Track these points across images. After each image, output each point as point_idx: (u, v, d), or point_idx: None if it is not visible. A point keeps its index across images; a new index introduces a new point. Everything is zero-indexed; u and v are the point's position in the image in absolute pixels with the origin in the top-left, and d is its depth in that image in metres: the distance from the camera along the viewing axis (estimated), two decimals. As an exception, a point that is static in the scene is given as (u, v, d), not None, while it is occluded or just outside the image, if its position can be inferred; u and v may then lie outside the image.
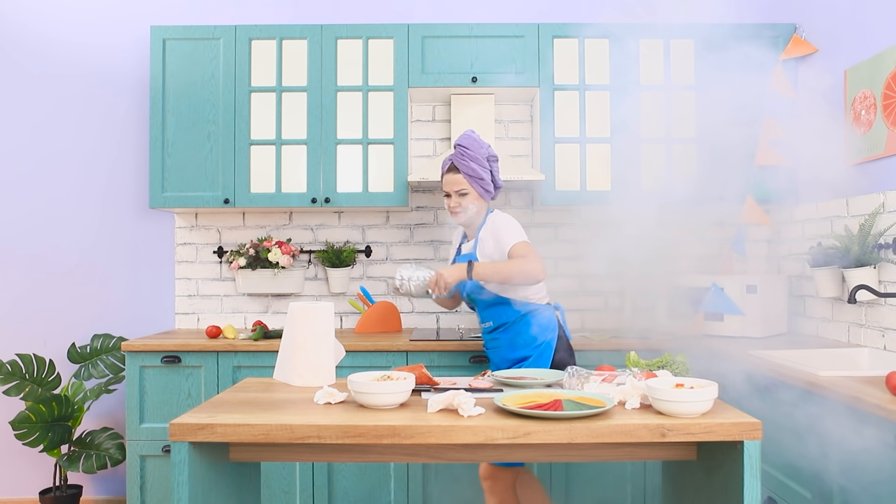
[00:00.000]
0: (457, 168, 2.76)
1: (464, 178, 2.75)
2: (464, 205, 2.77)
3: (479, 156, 2.74)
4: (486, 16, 3.90)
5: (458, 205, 2.78)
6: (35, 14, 3.87)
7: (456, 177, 2.76)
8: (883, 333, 2.84)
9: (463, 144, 2.76)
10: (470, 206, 2.78)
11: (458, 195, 2.77)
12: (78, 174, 3.87)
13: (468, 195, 2.77)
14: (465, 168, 2.74)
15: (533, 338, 2.77)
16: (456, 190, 2.77)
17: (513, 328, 2.79)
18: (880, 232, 2.82)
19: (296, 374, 2.21)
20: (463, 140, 2.77)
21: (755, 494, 1.70)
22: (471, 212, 2.79)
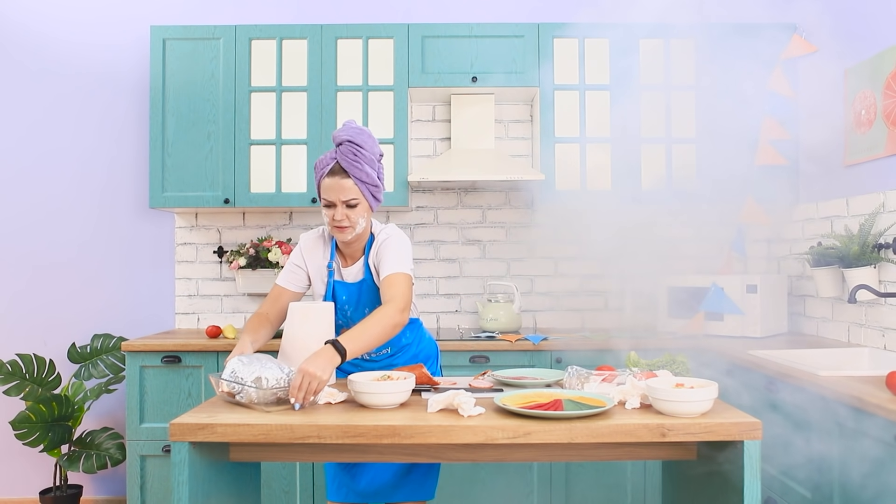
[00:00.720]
0: (345, 171, 2.17)
1: (354, 184, 2.17)
2: (353, 218, 2.19)
3: (373, 155, 2.21)
4: (485, 16, 3.90)
5: (344, 218, 2.19)
6: (35, 14, 3.87)
7: (344, 182, 2.16)
8: (883, 333, 2.84)
9: (355, 141, 2.16)
10: (360, 221, 2.21)
11: (345, 206, 2.18)
12: (78, 174, 3.87)
13: (359, 206, 2.19)
14: (356, 172, 2.16)
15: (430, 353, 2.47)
16: (345, 200, 2.17)
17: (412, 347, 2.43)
18: (880, 232, 2.82)
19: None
20: (354, 135, 2.17)
21: (755, 494, 1.70)
22: (359, 227, 2.22)
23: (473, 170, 3.44)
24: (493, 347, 3.22)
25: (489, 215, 3.89)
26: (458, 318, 3.88)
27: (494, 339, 3.32)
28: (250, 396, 1.87)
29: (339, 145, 2.19)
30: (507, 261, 3.88)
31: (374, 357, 2.39)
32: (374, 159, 2.21)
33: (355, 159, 2.16)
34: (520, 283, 3.87)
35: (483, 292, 3.88)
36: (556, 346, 3.23)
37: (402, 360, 2.41)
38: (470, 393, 2.00)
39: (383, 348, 2.37)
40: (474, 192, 3.89)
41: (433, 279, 3.88)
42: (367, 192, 2.20)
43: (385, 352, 2.38)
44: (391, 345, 2.37)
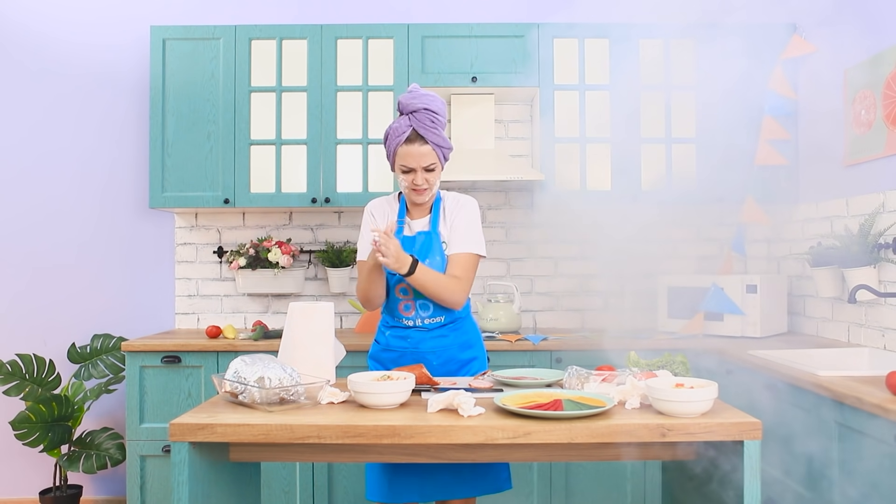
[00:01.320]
0: (422, 138, 2.26)
1: (432, 150, 2.28)
2: (431, 181, 2.31)
3: (445, 120, 2.31)
4: (485, 16, 3.90)
5: (424, 182, 2.30)
6: (35, 13, 3.87)
7: (423, 149, 2.26)
8: (883, 333, 2.84)
9: (432, 109, 2.25)
10: (436, 183, 2.34)
11: (425, 171, 2.29)
12: (78, 174, 3.87)
13: (436, 169, 2.31)
14: (434, 138, 2.26)
15: (479, 336, 2.53)
16: (424, 165, 2.28)
17: (464, 324, 2.47)
18: (880, 232, 2.82)
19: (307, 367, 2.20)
20: (429, 102, 2.25)
21: (755, 494, 1.70)
22: (435, 188, 2.36)
23: (473, 170, 3.44)
24: (493, 347, 3.22)
25: (489, 215, 3.89)
26: (458, 318, 3.88)
27: (494, 339, 3.32)
28: (253, 396, 1.87)
29: (412, 112, 2.26)
30: (507, 261, 3.88)
31: (427, 325, 2.41)
32: (445, 123, 2.31)
33: (433, 126, 2.26)
34: (520, 283, 3.87)
35: (483, 292, 3.88)
36: (556, 346, 3.23)
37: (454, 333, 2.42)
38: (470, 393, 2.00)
39: (438, 315, 2.40)
40: (474, 192, 3.89)
41: (433, 279, 3.88)
42: (442, 155, 2.32)
43: (439, 319, 2.41)
44: (445, 314, 2.41)
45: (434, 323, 2.41)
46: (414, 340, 2.42)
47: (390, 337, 2.46)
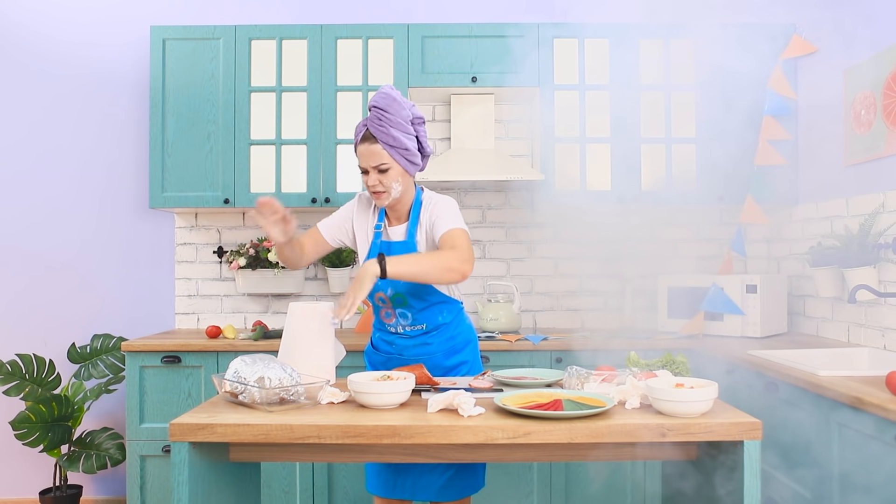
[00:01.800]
0: (374, 137, 2.21)
1: (383, 149, 2.21)
2: (386, 183, 2.24)
3: (402, 119, 2.20)
4: (485, 16, 3.90)
5: (378, 183, 2.24)
6: (35, 13, 3.87)
7: (373, 147, 2.21)
8: (883, 333, 2.84)
9: (380, 106, 2.19)
10: (394, 186, 2.25)
11: (377, 171, 2.23)
12: (78, 174, 3.87)
13: (390, 171, 2.23)
14: (384, 137, 2.20)
15: (469, 339, 2.44)
16: (374, 165, 2.22)
17: (449, 330, 2.39)
18: (880, 232, 2.82)
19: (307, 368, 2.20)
20: (380, 100, 2.19)
21: (755, 494, 1.70)
22: (395, 192, 2.26)
23: (473, 170, 3.44)
24: (493, 347, 3.22)
25: (489, 215, 3.89)
26: (458, 318, 3.88)
27: (494, 339, 3.32)
28: (253, 396, 1.87)
29: (369, 111, 2.24)
30: (507, 261, 3.88)
31: (409, 332, 2.36)
32: (402, 122, 2.20)
33: (380, 124, 2.19)
34: (520, 283, 3.87)
35: (483, 292, 3.88)
36: (556, 346, 3.23)
37: (438, 340, 2.36)
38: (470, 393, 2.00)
39: (418, 324, 2.34)
40: (474, 192, 3.89)
41: (433, 279, 3.88)
42: (399, 156, 2.22)
43: (420, 327, 2.35)
44: (426, 321, 2.34)
45: (416, 330, 2.36)
46: (398, 347, 2.39)
47: (378, 340, 2.45)
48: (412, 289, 2.29)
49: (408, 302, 2.32)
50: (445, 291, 2.36)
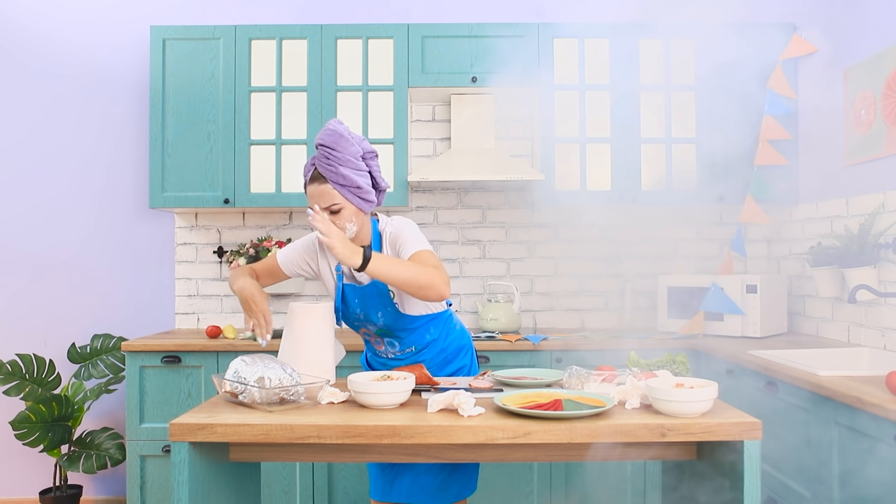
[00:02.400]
0: (322, 177, 2.10)
1: (333, 188, 2.09)
2: (339, 224, 2.12)
3: (351, 156, 2.08)
4: (486, 16, 3.90)
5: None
6: (35, 14, 3.87)
7: (322, 188, 2.09)
8: (883, 333, 2.84)
9: (326, 144, 2.06)
10: (349, 226, 2.13)
11: (328, 213, 2.11)
12: (78, 174, 3.87)
13: (343, 210, 2.11)
14: (333, 176, 2.08)
15: (461, 343, 2.38)
16: (325, 206, 2.10)
17: (440, 344, 2.34)
18: (880, 232, 2.82)
19: (308, 368, 2.20)
20: (325, 138, 2.06)
21: (755, 494, 1.70)
22: (350, 232, 2.14)
23: (473, 170, 3.44)
24: (493, 347, 3.22)
25: (489, 215, 3.89)
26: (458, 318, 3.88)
27: (494, 339, 3.32)
28: (253, 396, 1.87)
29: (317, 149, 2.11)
30: (507, 261, 3.88)
31: (400, 356, 2.32)
32: (350, 160, 2.08)
33: (328, 163, 2.07)
34: (520, 283, 3.87)
35: (483, 292, 3.88)
36: (556, 346, 3.23)
37: (430, 355, 2.32)
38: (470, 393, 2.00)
39: (407, 347, 2.29)
40: (474, 192, 3.89)
41: (433, 279, 3.88)
42: (350, 195, 2.11)
43: (410, 350, 2.30)
44: (415, 343, 2.29)
45: (406, 353, 2.32)
46: (392, 367, 2.34)
47: (372, 359, 2.43)
48: (395, 322, 2.23)
49: (394, 333, 2.27)
50: (426, 310, 2.27)
